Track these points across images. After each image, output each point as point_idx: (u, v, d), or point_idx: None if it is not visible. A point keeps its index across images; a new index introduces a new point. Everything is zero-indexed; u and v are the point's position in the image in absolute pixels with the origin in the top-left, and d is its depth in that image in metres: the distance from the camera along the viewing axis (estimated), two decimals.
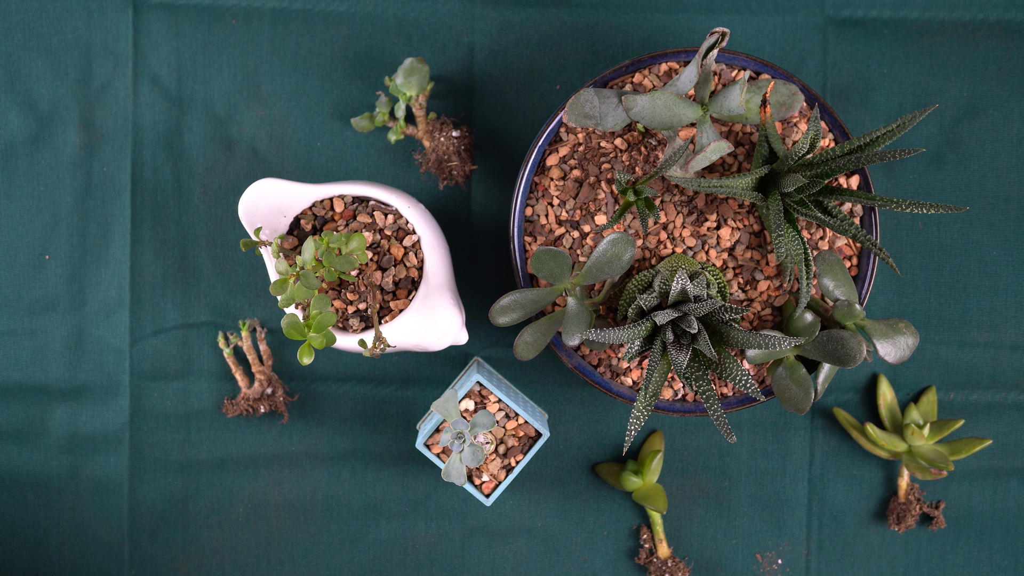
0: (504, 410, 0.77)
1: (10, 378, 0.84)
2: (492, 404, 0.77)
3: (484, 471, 0.77)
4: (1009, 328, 0.83)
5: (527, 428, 0.78)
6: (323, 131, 0.83)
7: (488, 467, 0.77)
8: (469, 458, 0.72)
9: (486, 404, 0.77)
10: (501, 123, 0.83)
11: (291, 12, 0.83)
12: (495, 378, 0.80)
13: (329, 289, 0.76)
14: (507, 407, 0.77)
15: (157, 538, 0.85)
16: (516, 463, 0.78)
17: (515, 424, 0.77)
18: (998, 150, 0.83)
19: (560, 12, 0.82)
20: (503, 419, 0.77)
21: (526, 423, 0.78)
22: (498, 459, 0.77)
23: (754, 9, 0.82)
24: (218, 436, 0.84)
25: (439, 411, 0.73)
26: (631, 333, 0.70)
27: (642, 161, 0.76)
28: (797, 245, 0.72)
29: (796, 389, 0.74)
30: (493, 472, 0.77)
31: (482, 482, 0.77)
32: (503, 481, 0.77)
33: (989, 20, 0.82)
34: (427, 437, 0.76)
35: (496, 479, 0.77)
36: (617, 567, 0.85)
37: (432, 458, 0.76)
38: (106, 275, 0.84)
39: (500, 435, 0.78)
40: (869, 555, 0.84)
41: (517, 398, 0.79)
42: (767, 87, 0.72)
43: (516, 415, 0.77)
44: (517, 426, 0.78)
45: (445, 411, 0.73)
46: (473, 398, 0.77)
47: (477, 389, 0.77)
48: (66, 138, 0.83)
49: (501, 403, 0.77)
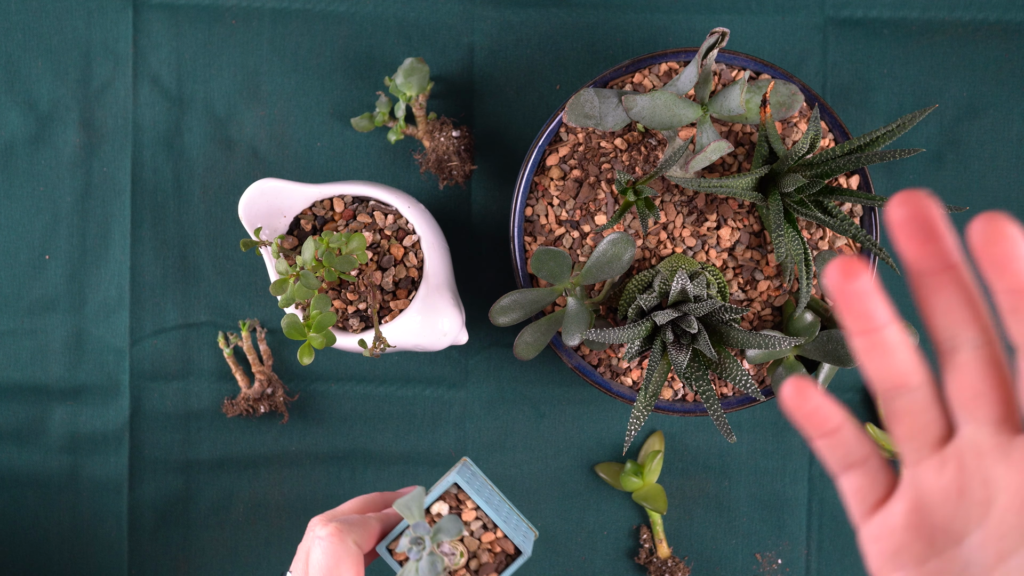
0: (483, 519, 0.68)
1: (10, 378, 0.84)
2: (469, 511, 0.68)
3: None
4: None
5: (506, 544, 0.67)
6: (323, 131, 0.83)
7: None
8: (426, 570, 0.60)
9: (462, 510, 0.68)
10: (501, 123, 0.83)
11: (291, 12, 0.83)
12: (479, 481, 0.71)
13: (329, 289, 0.76)
14: (486, 516, 0.67)
15: (157, 538, 0.85)
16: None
17: (492, 537, 0.67)
18: (998, 150, 0.83)
19: (560, 12, 0.82)
20: (479, 529, 0.67)
21: (504, 538, 0.67)
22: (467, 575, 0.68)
23: (754, 9, 0.82)
24: (218, 436, 0.84)
25: (400, 509, 0.62)
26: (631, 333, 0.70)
27: (642, 161, 0.76)
28: (797, 245, 0.72)
29: None
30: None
31: None
32: None
33: (989, 20, 0.82)
34: (392, 539, 0.65)
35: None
36: (617, 567, 0.85)
37: (391, 563, 0.66)
38: (106, 275, 0.84)
39: (473, 547, 0.67)
40: None
41: (501, 508, 0.70)
42: (767, 87, 0.72)
43: (495, 526, 0.67)
44: (495, 540, 0.67)
45: (406, 510, 0.62)
46: (449, 501, 0.67)
47: (454, 492, 0.68)
48: (66, 138, 0.83)
49: (480, 511, 0.67)
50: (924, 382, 0.39)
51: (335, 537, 0.63)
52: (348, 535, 0.63)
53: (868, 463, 0.41)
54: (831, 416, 0.40)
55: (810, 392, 0.40)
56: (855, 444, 0.41)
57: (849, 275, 0.37)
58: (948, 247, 0.37)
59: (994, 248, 0.35)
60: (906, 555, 0.40)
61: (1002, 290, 0.36)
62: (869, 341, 0.38)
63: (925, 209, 0.36)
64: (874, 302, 0.38)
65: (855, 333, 0.39)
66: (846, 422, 0.41)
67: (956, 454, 0.39)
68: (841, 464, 0.41)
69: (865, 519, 0.41)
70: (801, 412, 0.40)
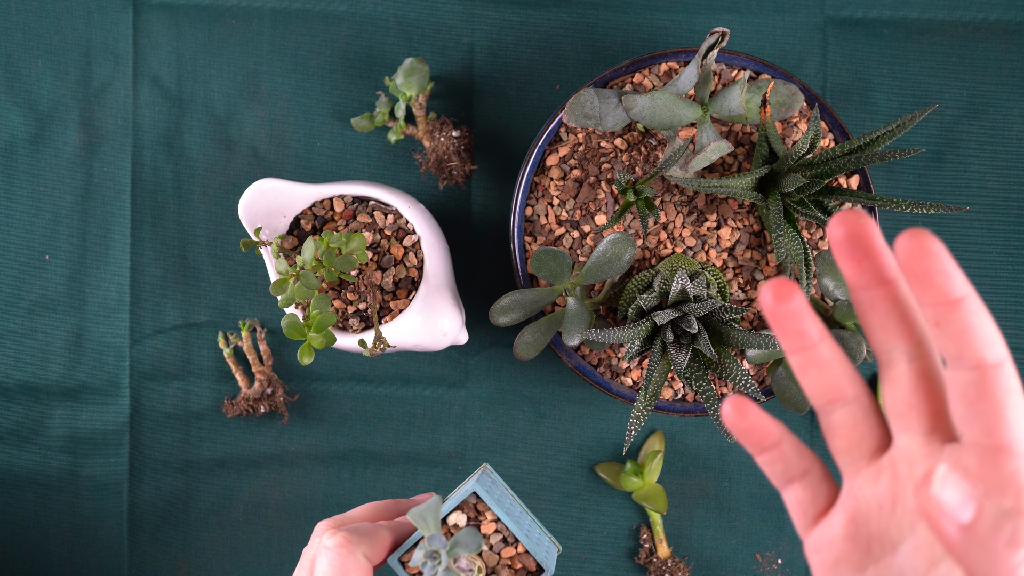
0: (503, 533, 0.62)
1: (10, 378, 0.84)
2: (489, 523, 0.63)
3: None
4: (1009, 328, 0.83)
5: (527, 560, 0.62)
6: (323, 131, 0.83)
7: None
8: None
9: (481, 522, 0.63)
10: (501, 123, 0.83)
11: (291, 12, 0.83)
12: (499, 491, 0.66)
13: (329, 289, 0.76)
14: (506, 530, 0.62)
15: (157, 538, 0.85)
16: None
17: (513, 553, 0.62)
18: (998, 150, 0.83)
19: (560, 12, 0.82)
20: (499, 543, 0.62)
21: (526, 553, 0.62)
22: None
23: (754, 9, 0.82)
24: (218, 436, 0.84)
25: (414, 520, 0.58)
26: (631, 333, 0.70)
27: (642, 161, 0.76)
28: (797, 245, 0.72)
29: (796, 389, 0.74)
30: None
31: None
32: None
33: (989, 20, 0.82)
34: (405, 550, 0.61)
35: None
36: (617, 567, 0.85)
37: (401, 574, 0.61)
38: (106, 275, 0.84)
39: (492, 563, 0.62)
40: None
41: (523, 520, 0.65)
42: (767, 87, 0.72)
43: (516, 541, 0.62)
44: (515, 555, 0.62)
45: (421, 521, 0.58)
46: (467, 511, 0.63)
47: (473, 502, 0.63)
48: (66, 138, 0.83)
49: (500, 523, 0.62)
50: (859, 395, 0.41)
51: (343, 548, 0.58)
52: (357, 547, 0.59)
53: (808, 476, 0.43)
54: (770, 432, 0.42)
55: (749, 409, 0.41)
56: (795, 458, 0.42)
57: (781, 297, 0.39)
58: (884, 264, 0.39)
59: (918, 263, 0.36)
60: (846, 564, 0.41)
61: (927, 303, 0.37)
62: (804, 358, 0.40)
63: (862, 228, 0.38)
64: (807, 321, 0.39)
65: (790, 352, 0.40)
66: (785, 437, 0.42)
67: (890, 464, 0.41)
68: (782, 478, 0.43)
69: (807, 530, 0.43)
70: (740, 429, 0.42)
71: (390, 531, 0.61)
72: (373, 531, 0.60)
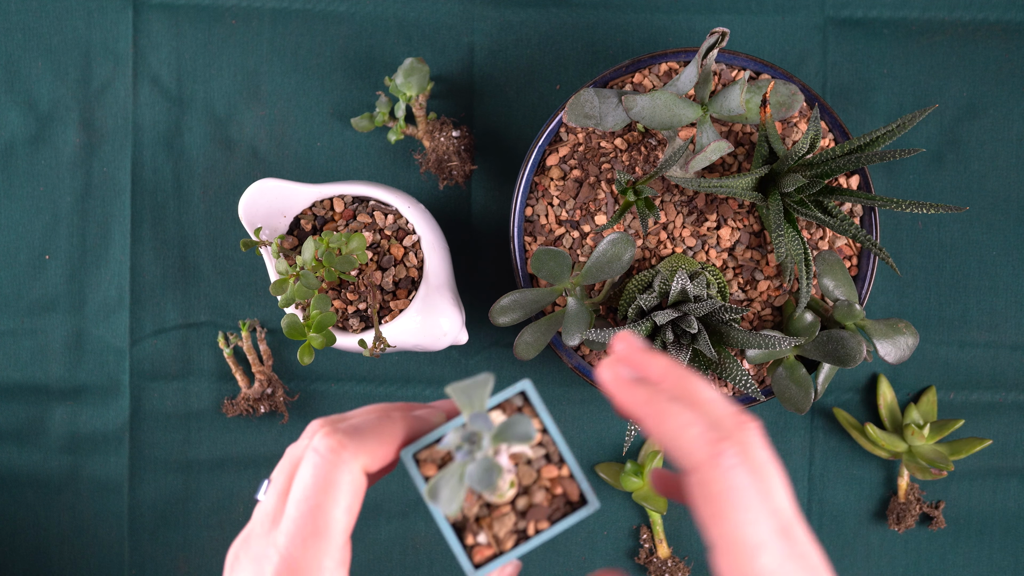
0: (547, 448, 0.50)
1: (10, 378, 0.84)
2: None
3: (485, 527, 0.49)
4: (1009, 328, 0.83)
5: (570, 486, 0.50)
6: (323, 131, 0.83)
7: (493, 523, 0.49)
8: (476, 478, 0.45)
9: None
10: (501, 123, 0.83)
11: (291, 12, 0.83)
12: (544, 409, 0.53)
13: (329, 289, 0.76)
14: (551, 444, 0.50)
15: (157, 538, 0.85)
16: (537, 531, 0.49)
17: (556, 474, 0.50)
18: (998, 150, 0.83)
19: (560, 12, 0.82)
20: (539, 460, 0.50)
21: (571, 478, 0.50)
22: (512, 515, 0.50)
23: (754, 9, 0.82)
24: (218, 436, 0.84)
25: (455, 395, 0.47)
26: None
27: (642, 161, 0.76)
28: (797, 245, 0.72)
29: (796, 389, 0.74)
30: (497, 533, 0.49)
31: (476, 544, 0.49)
32: (507, 552, 0.49)
33: (989, 20, 0.82)
34: (424, 445, 0.50)
35: (498, 546, 0.49)
36: (617, 567, 0.85)
37: (415, 477, 0.49)
38: (106, 275, 0.84)
39: (528, 480, 0.50)
40: (869, 555, 0.84)
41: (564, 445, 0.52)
42: (767, 87, 0.72)
43: (561, 461, 0.50)
44: (557, 478, 0.50)
45: (464, 397, 0.47)
46: (509, 414, 0.51)
47: (518, 404, 0.51)
48: (66, 138, 0.83)
49: (546, 436, 0.50)
50: None
51: (333, 455, 0.47)
52: (355, 455, 0.48)
53: None
54: None
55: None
56: None
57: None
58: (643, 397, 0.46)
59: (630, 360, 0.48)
60: None
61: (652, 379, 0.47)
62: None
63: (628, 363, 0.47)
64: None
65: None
66: None
67: None
68: None
69: None
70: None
71: (400, 429, 0.50)
72: (377, 430, 0.49)
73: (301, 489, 0.47)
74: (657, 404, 0.46)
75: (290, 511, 0.47)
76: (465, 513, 0.48)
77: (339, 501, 0.47)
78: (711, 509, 0.44)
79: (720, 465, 0.44)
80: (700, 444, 0.44)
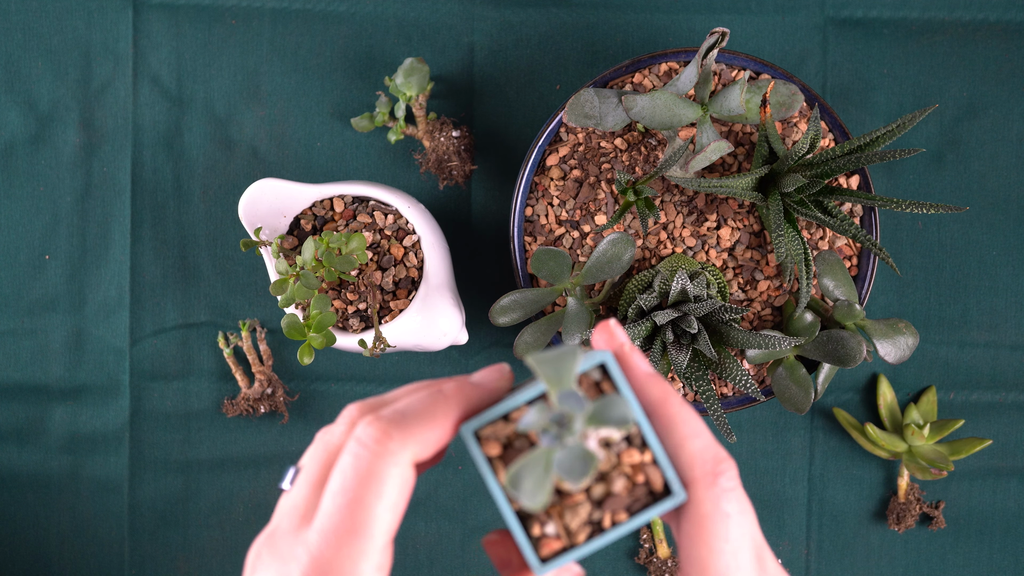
0: (628, 431, 0.44)
1: (10, 378, 0.84)
2: None
3: (555, 516, 0.44)
4: (1009, 328, 0.83)
5: (653, 473, 0.44)
6: (323, 131, 0.83)
7: (564, 512, 0.44)
8: (568, 468, 0.40)
9: None
10: (501, 123, 0.83)
11: (291, 12, 0.83)
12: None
13: (329, 289, 0.76)
14: (634, 426, 0.44)
15: (157, 538, 0.85)
16: (614, 523, 0.44)
17: (638, 460, 0.44)
18: (998, 150, 0.83)
19: (560, 12, 0.82)
20: (619, 443, 0.44)
21: (654, 464, 0.44)
22: (587, 504, 0.44)
23: (754, 9, 0.82)
24: (218, 436, 0.84)
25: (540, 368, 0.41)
26: (631, 333, 0.70)
27: (642, 161, 0.76)
28: (797, 245, 0.72)
29: (796, 389, 0.74)
30: (569, 524, 0.44)
31: (543, 535, 0.44)
32: (579, 547, 0.44)
33: (989, 20, 0.82)
34: (488, 421, 0.44)
35: (569, 538, 0.44)
36: (617, 567, 0.85)
37: (475, 453, 0.44)
38: (106, 275, 0.84)
39: (608, 466, 0.44)
40: (869, 555, 0.84)
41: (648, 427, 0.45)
42: (767, 87, 0.72)
43: (644, 446, 0.44)
44: (640, 465, 0.44)
45: (550, 371, 0.40)
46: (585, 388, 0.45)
47: (596, 378, 0.45)
48: (66, 138, 0.83)
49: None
50: None
51: (379, 446, 0.42)
52: (403, 443, 0.42)
53: None
54: None
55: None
56: None
57: None
58: None
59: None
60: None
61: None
62: None
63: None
64: None
65: None
66: None
67: None
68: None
69: None
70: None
71: (454, 407, 0.44)
72: (427, 413, 0.44)
73: (340, 482, 0.42)
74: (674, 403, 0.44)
75: (326, 506, 0.42)
76: None
77: (384, 497, 0.42)
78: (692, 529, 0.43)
79: (717, 485, 0.43)
80: (704, 459, 0.43)
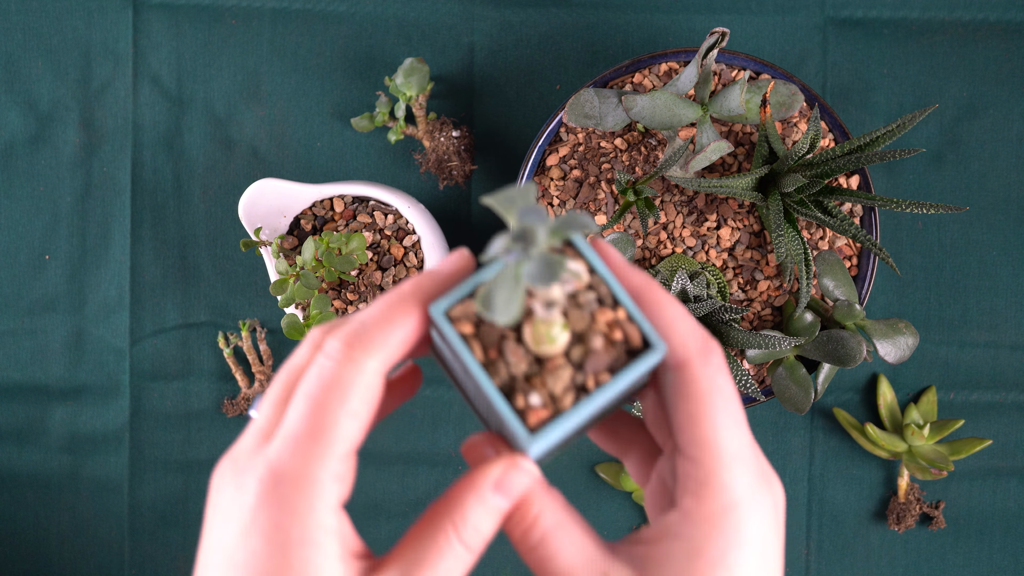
0: (596, 291, 0.42)
1: (10, 378, 0.84)
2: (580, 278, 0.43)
3: (540, 386, 0.41)
4: (1009, 328, 0.83)
5: (630, 329, 0.42)
6: (323, 131, 0.83)
7: (546, 379, 0.41)
8: (537, 274, 0.38)
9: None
10: (501, 123, 0.83)
11: (291, 12, 0.83)
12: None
13: (329, 289, 0.76)
14: (602, 285, 0.43)
15: (157, 538, 0.85)
16: (598, 384, 0.42)
17: (612, 317, 0.42)
18: (998, 150, 0.83)
19: (560, 12, 0.83)
20: (591, 303, 0.42)
21: (629, 320, 0.42)
22: (567, 367, 0.41)
23: (754, 9, 0.82)
24: (218, 436, 0.84)
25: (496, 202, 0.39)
26: None
27: (642, 161, 0.76)
28: (797, 245, 0.72)
29: (796, 389, 0.74)
30: (553, 390, 0.41)
31: (528, 406, 0.41)
32: (566, 412, 0.41)
33: (989, 20, 0.82)
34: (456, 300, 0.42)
35: (555, 404, 0.41)
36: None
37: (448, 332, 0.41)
38: (106, 275, 0.84)
39: (582, 325, 0.42)
40: (869, 555, 0.84)
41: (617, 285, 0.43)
42: (767, 87, 0.72)
43: (615, 303, 0.42)
44: (614, 321, 0.42)
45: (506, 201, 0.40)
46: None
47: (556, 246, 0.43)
48: (66, 138, 0.83)
49: (595, 277, 0.43)
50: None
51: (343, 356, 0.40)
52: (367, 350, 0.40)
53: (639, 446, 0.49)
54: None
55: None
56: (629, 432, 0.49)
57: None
58: None
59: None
60: None
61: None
62: None
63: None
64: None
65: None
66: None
67: None
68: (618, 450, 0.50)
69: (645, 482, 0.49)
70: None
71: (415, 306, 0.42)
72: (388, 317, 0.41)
73: (302, 391, 0.40)
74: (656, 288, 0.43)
75: (287, 417, 0.40)
76: (512, 371, 0.41)
77: (347, 402, 0.40)
78: (691, 408, 0.41)
79: (711, 363, 0.41)
80: (694, 338, 0.42)
